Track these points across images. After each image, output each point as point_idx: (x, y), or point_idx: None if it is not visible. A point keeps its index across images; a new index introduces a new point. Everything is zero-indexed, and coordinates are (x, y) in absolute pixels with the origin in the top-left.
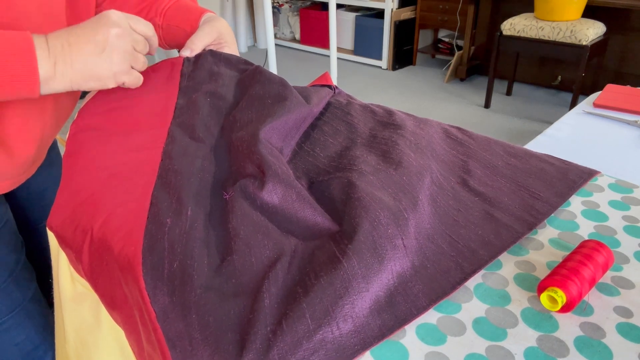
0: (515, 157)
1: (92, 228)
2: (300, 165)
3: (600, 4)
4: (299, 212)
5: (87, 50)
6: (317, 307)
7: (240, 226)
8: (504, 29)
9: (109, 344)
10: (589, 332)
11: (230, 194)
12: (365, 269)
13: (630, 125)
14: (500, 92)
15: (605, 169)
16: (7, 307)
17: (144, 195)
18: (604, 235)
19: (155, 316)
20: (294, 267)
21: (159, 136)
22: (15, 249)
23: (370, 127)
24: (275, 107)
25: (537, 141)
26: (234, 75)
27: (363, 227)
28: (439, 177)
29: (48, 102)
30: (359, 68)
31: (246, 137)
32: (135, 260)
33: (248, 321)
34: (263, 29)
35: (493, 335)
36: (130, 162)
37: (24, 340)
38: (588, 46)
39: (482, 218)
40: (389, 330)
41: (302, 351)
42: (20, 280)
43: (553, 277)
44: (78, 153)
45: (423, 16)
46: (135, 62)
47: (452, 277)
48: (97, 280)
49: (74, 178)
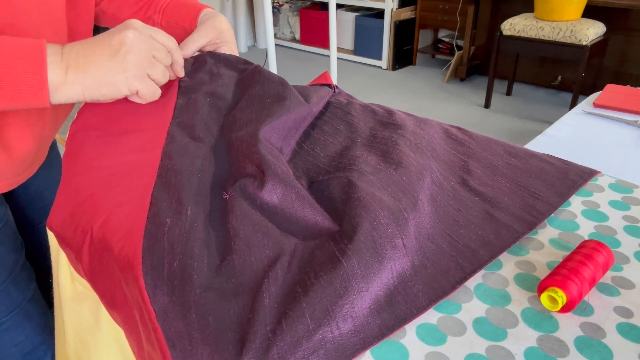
0: (515, 157)
1: (92, 228)
2: (300, 165)
3: (600, 4)
4: (299, 212)
5: (100, 53)
6: (316, 307)
7: (240, 226)
8: (504, 29)
9: (109, 344)
10: (589, 332)
11: (230, 194)
12: (365, 269)
13: (630, 125)
14: (500, 92)
15: (605, 169)
16: (7, 307)
17: (144, 195)
18: (604, 235)
19: (155, 316)
20: (294, 266)
21: (158, 136)
22: (15, 249)
23: (371, 127)
24: (274, 107)
25: (537, 141)
26: (234, 75)
27: (363, 227)
28: (439, 177)
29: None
30: (359, 68)
31: (246, 137)
32: (135, 260)
33: (248, 321)
34: (263, 29)
35: (493, 335)
36: (130, 162)
37: (23, 340)
38: (588, 46)
39: (482, 218)
40: (388, 329)
41: (301, 351)
42: (19, 280)
43: (553, 277)
44: (78, 153)
45: (423, 16)
46: (152, 70)
47: (452, 276)
48: (97, 280)
49: (73, 178)
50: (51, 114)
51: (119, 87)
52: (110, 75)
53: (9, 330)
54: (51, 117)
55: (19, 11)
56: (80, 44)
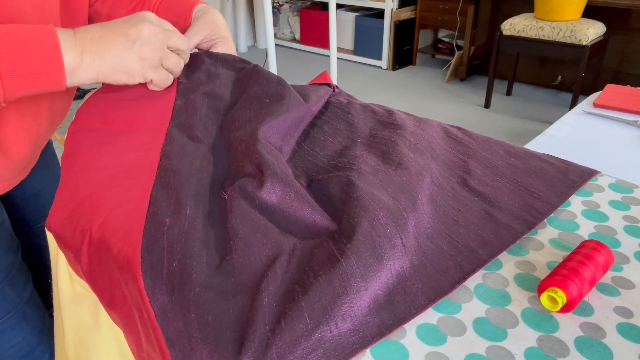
0: (515, 157)
1: (90, 228)
2: (300, 164)
3: (600, 4)
4: (298, 211)
5: (117, 42)
6: (315, 306)
7: (239, 225)
8: (504, 29)
9: (108, 344)
10: (589, 332)
11: (229, 194)
12: (363, 268)
13: (630, 125)
14: (500, 92)
15: (605, 169)
16: (3, 309)
17: (143, 195)
18: (604, 235)
19: (154, 315)
20: (293, 266)
21: (157, 137)
22: (11, 250)
23: (370, 127)
24: (273, 106)
25: (537, 141)
26: (232, 74)
27: (362, 227)
28: (438, 177)
29: (43, 104)
30: (359, 68)
31: (245, 137)
32: (134, 260)
33: (247, 320)
34: (263, 29)
35: (493, 335)
36: (129, 162)
37: (20, 342)
38: (588, 46)
39: (481, 218)
40: (387, 329)
41: (300, 350)
42: (15, 282)
43: (553, 277)
44: (77, 153)
45: (423, 16)
46: (166, 60)
47: (451, 276)
48: (96, 280)
49: (72, 178)
50: (47, 116)
51: (133, 76)
52: (127, 64)
53: (6, 331)
54: (47, 120)
55: (14, 10)
56: (95, 30)
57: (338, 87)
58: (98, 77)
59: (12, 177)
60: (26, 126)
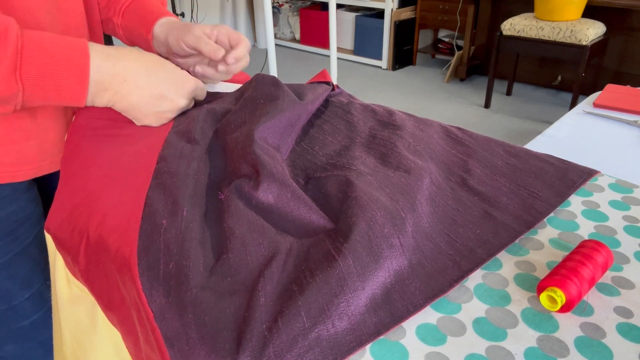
0: (515, 157)
1: (88, 229)
2: (299, 163)
3: (600, 4)
4: (294, 211)
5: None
6: (312, 305)
7: (235, 225)
8: (504, 29)
9: (105, 345)
10: (589, 332)
11: (225, 194)
12: (360, 268)
13: (630, 125)
14: (500, 92)
15: (605, 169)
16: (40, 307)
17: (139, 196)
18: (604, 235)
19: (153, 316)
20: (290, 265)
21: (156, 142)
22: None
23: (370, 127)
24: (267, 107)
25: (537, 141)
26: (234, 93)
27: (359, 226)
28: (437, 178)
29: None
30: (359, 68)
31: (240, 138)
32: (132, 260)
33: (244, 319)
34: (263, 29)
35: (493, 335)
36: (127, 163)
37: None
38: (588, 46)
39: (481, 217)
40: (385, 327)
41: (297, 348)
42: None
43: (552, 277)
44: (75, 154)
45: (423, 16)
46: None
47: (450, 274)
48: (94, 281)
49: (71, 180)
50: (70, 116)
51: (144, 124)
52: (144, 118)
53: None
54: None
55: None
56: (132, 74)
57: (339, 87)
58: (109, 105)
59: (42, 160)
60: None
